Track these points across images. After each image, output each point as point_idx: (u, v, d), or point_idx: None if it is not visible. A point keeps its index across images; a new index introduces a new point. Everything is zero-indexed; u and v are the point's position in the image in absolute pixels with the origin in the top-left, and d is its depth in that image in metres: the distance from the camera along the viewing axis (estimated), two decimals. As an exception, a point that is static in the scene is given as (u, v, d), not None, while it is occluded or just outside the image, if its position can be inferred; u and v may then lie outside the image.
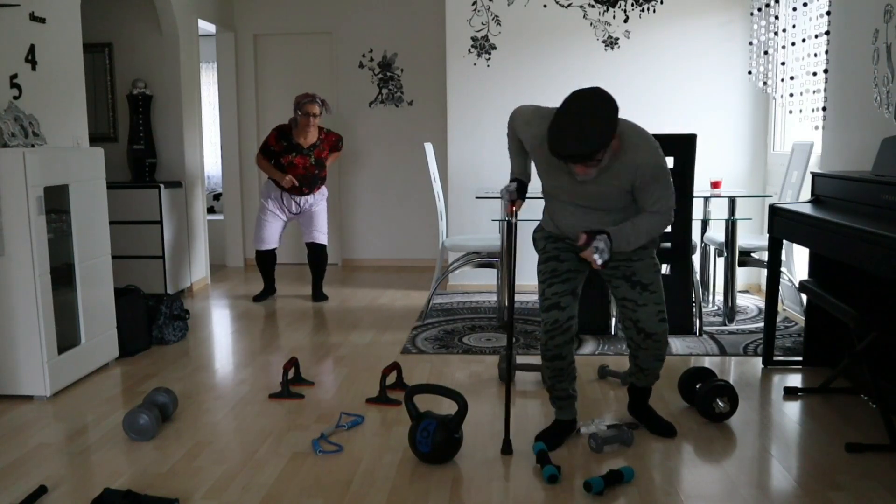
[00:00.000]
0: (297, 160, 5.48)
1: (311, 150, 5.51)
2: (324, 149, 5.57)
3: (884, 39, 3.70)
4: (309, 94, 5.47)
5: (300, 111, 5.43)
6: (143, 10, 5.92)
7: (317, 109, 5.43)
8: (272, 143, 5.51)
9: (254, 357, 4.34)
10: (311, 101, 5.42)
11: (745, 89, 5.86)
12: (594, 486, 2.57)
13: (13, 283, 3.54)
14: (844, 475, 2.72)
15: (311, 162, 5.51)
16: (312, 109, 5.41)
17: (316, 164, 5.53)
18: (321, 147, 5.55)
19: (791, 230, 3.66)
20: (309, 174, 5.52)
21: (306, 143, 5.50)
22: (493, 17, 5.98)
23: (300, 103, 5.43)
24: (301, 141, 5.49)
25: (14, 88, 3.99)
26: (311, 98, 5.44)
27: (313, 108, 5.41)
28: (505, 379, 3.78)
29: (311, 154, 5.51)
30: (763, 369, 3.98)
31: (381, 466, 2.84)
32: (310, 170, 5.51)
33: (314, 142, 5.53)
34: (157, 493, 2.62)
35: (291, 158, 5.48)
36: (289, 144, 5.49)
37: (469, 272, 5.81)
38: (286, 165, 5.48)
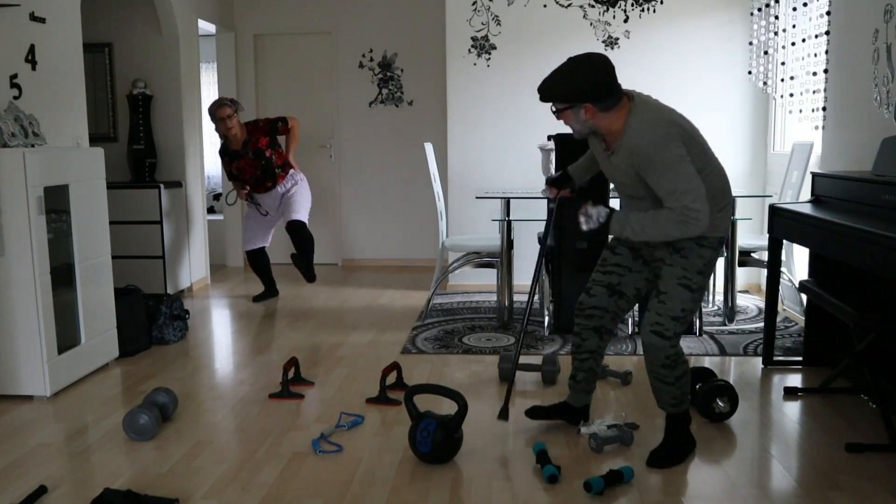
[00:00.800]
0: (241, 164, 5.49)
1: (246, 148, 5.46)
2: (257, 140, 5.48)
3: (884, 39, 3.70)
4: (216, 101, 5.42)
5: (214, 120, 5.40)
6: (143, 10, 5.92)
7: (227, 111, 5.38)
8: (224, 162, 5.59)
9: (254, 357, 4.34)
10: (219, 106, 5.38)
11: (745, 89, 5.86)
12: (594, 486, 2.57)
13: (13, 283, 3.54)
14: (844, 475, 2.72)
15: (251, 157, 5.47)
16: (223, 113, 5.36)
17: (256, 156, 5.47)
18: (253, 140, 5.47)
19: (791, 230, 3.66)
20: (259, 169, 5.49)
21: (238, 144, 5.47)
22: (493, 17, 5.98)
23: (211, 114, 5.40)
24: (234, 146, 5.49)
25: (14, 88, 3.99)
26: (218, 103, 5.39)
27: (223, 112, 5.36)
28: (508, 378, 3.78)
29: (248, 152, 5.47)
30: (763, 369, 3.98)
31: (381, 466, 2.84)
32: (256, 165, 5.48)
33: (244, 139, 5.47)
34: (157, 493, 2.62)
35: (237, 165, 5.50)
36: (226, 154, 5.53)
37: (469, 272, 5.81)
38: (237, 174, 5.53)
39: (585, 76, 2.65)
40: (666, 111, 2.73)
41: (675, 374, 2.81)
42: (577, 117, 2.73)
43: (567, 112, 2.74)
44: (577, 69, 2.68)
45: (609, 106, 2.68)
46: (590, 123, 2.74)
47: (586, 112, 2.71)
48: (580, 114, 2.72)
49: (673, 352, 2.77)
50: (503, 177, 6.04)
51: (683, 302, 2.73)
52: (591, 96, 2.66)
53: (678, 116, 2.73)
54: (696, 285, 2.74)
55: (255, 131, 5.49)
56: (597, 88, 2.64)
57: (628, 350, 4.32)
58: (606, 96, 2.66)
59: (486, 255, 5.00)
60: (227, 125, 5.39)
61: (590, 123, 2.74)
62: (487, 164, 6.08)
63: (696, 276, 2.74)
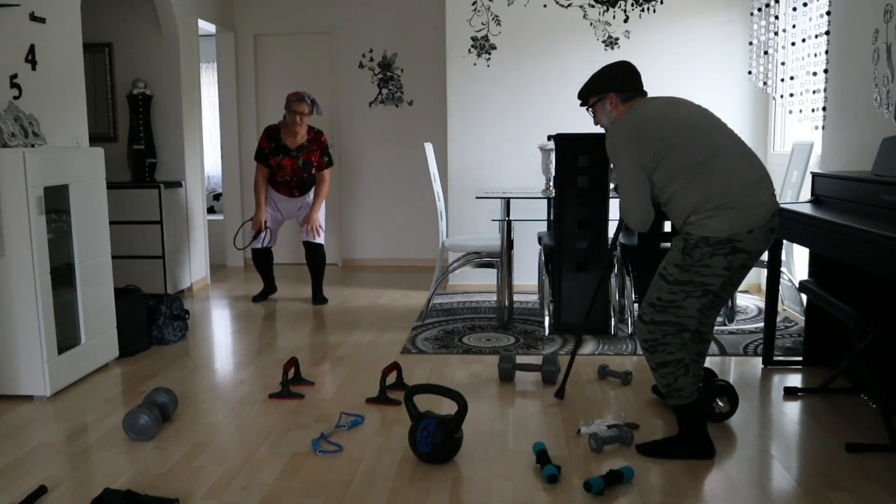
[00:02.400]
0: (284, 162, 5.39)
1: (299, 151, 5.39)
2: (313, 150, 5.42)
3: (884, 39, 3.70)
4: (299, 93, 5.34)
5: (288, 109, 5.33)
6: (143, 10, 5.92)
7: (305, 109, 5.30)
8: (264, 145, 5.43)
9: (254, 357, 4.34)
10: (300, 100, 5.30)
11: (745, 89, 5.86)
12: (594, 486, 2.57)
13: (13, 283, 3.54)
14: (844, 475, 2.72)
15: (300, 164, 5.40)
16: (301, 108, 5.29)
17: (304, 166, 5.41)
18: (310, 148, 5.42)
19: (791, 230, 3.66)
20: (297, 177, 5.43)
21: (294, 144, 5.39)
22: (493, 17, 5.98)
23: (289, 101, 5.33)
24: (288, 142, 5.39)
25: (14, 88, 3.99)
26: (300, 97, 5.31)
27: (301, 108, 5.29)
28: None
29: (300, 156, 5.39)
30: (763, 369, 3.98)
31: (381, 466, 2.84)
32: (298, 172, 5.41)
33: (302, 143, 5.40)
34: (157, 493, 2.62)
35: (279, 160, 5.39)
36: (277, 145, 5.40)
37: (469, 272, 5.81)
38: (275, 167, 5.41)
39: (612, 68, 3.01)
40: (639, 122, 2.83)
41: (655, 361, 2.87)
42: (605, 109, 2.99)
43: (598, 106, 3.02)
44: (608, 66, 3.05)
45: (628, 98, 2.94)
46: (613, 115, 2.96)
47: (611, 103, 2.96)
48: (607, 105, 2.98)
49: (650, 337, 2.85)
50: (503, 177, 6.03)
51: (660, 290, 2.82)
52: (614, 86, 2.96)
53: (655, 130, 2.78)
54: (672, 277, 2.79)
55: (316, 142, 5.45)
56: (620, 78, 2.96)
57: (628, 350, 4.32)
58: (628, 87, 2.94)
59: (486, 255, 5.00)
60: (298, 122, 5.31)
61: (613, 115, 2.96)
62: (487, 164, 6.08)
63: (671, 268, 2.80)
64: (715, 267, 2.74)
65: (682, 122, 2.78)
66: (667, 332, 2.83)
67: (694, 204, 2.73)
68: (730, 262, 2.73)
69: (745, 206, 2.70)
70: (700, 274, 2.75)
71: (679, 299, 2.79)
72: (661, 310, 2.82)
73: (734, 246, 2.71)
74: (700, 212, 2.73)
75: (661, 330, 2.83)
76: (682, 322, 2.82)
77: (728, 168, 2.73)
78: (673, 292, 2.79)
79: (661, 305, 2.82)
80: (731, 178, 2.72)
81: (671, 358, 2.84)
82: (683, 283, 2.77)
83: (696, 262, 2.74)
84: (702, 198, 2.72)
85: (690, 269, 2.76)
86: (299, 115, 5.29)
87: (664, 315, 2.82)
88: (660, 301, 2.82)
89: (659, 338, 2.84)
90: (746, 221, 2.70)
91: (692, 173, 2.73)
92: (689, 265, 2.75)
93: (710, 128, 2.79)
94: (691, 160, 2.73)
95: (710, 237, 2.70)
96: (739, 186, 2.72)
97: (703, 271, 2.75)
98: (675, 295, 2.79)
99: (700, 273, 2.75)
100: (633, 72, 2.97)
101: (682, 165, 2.74)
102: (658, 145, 2.76)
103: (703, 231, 2.71)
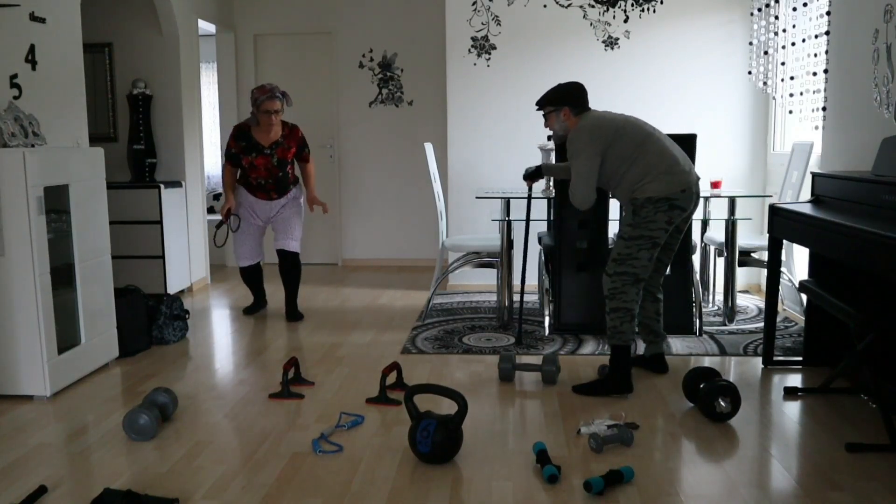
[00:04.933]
0: (257, 161, 4.91)
1: (274, 149, 4.91)
2: (288, 147, 4.96)
3: (884, 39, 3.70)
4: (266, 89, 4.81)
5: (258, 109, 4.81)
6: (143, 10, 5.92)
7: (277, 105, 4.81)
8: (232, 144, 4.95)
9: (254, 357, 4.34)
10: (271, 97, 4.78)
11: (745, 89, 5.86)
12: (594, 486, 2.57)
13: (13, 283, 3.54)
14: (844, 475, 2.72)
15: (274, 162, 4.92)
16: (273, 106, 4.79)
17: (279, 164, 4.94)
18: (285, 145, 4.94)
19: (791, 230, 3.66)
20: (272, 177, 4.95)
21: (268, 140, 4.91)
22: (493, 17, 5.98)
23: (257, 100, 4.80)
24: (261, 139, 4.90)
25: (14, 88, 3.99)
26: (270, 94, 4.79)
27: (273, 105, 4.79)
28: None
29: (274, 154, 4.91)
30: (763, 369, 3.98)
31: (381, 466, 2.84)
32: (273, 171, 4.93)
33: (276, 139, 4.92)
34: (157, 493, 2.62)
35: (252, 159, 4.91)
36: (248, 144, 4.90)
37: (469, 272, 5.81)
38: (247, 167, 4.93)
39: (572, 88, 3.75)
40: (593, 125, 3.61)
41: (611, 306, 3.61)
42: (559, 119, 3.74)
43: (552, 115, 3.76)
44: (566, 84, 3.77)
45: (578, 112, 3.71)
46: (566, 125, 3.72)
47: (565, 115, 3.72)
48: (561, 116, 3.73)
49: (612, 286, 3.60)
50: (503, 177, 6.03)
51: (619, 248, 3.59)
52: (568, 101, 3.71)
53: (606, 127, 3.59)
54: (627, 235, 3.57)
55: (291, 138, 4.99)
56: (573, 96, 3.72)
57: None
58: (579, 104, 3.72)
59: (486, 255, 5.00)
60: (272, 121, 4.83)
61: (566, 125, 3.72)
62: (487, 164, 6.08)
63: (626, 228, 3.59)
64: (659, 221, 3.53)
65: (623, 119, 3.66)
66: (626, 282, 3.57)
67: (640, 176, 3.55)
68: (669, 216, 3.53)
69: (676, 172, 3.55)
70: (648, 229, 3.53)
71: (634, 252, 3.55)
72: (620, 262, 3.57)
73: (672, 203, 3.52)
74: (643, 179, 3.54)
75: (622, 280, 3.57)
76: (637, 272, 3.57)
77: (658, 147, 3.59)
78: (629, 247, 3.56)
79: (621, 259, 3.57)
80: (662, 152, 3.58)
81: (624, 305, 3.58)
82: (636, 238, 3.55)
83: (643, 220, 3.53)
84: (644, 169, 3.55)
85: (640, 226, 3.54)
86: (272, 113, 4.81)
87: (623, 267, 3.57)
88: (619, 256, 3.57)
89: (619, 286, 3.58)
90: (678, 183, 3.53)
91: (636, 153, 3.56)
92: (639, 223, 3.54)
93: (640, 122, 3.69)
94: (633, 144, 3.58)
95: (652, 196, 3.52)
96: (670, 157, 3.57)
97: (650, 226, 3.53)
98: (630, 249, 3.56)
99: (648, 228, 3.53)
100: (584, 92, 3.74)
101: (628, 148, 3.58)
102: (611, 137, 3.59)
103: (646, 193, 3.53)
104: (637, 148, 3.57)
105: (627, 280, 3.55)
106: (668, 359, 4.13)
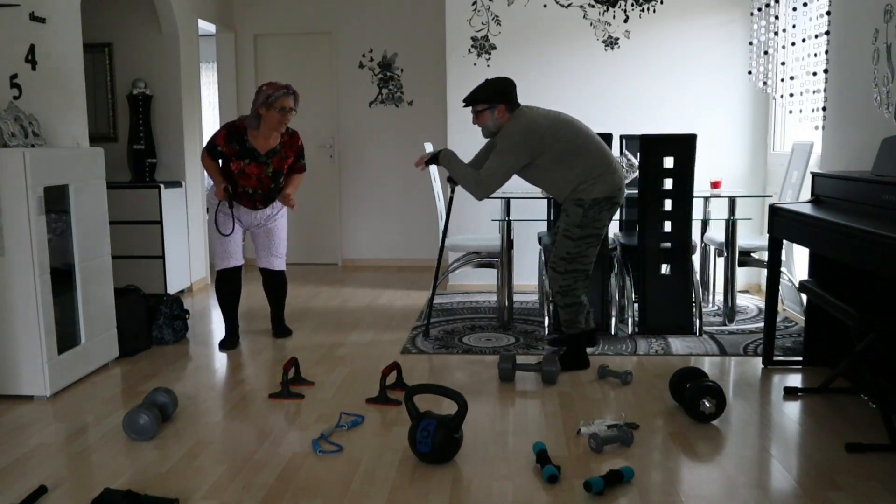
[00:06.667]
0: (250, 169, 4.28)
1: (270, 157, 4.32)
2: (286, 156, 4.37)
3: (884, 39, 3.70)
4: (279, 85, 4.24)
5: (272, 107, 4.19)
6: (143, 10, 5.92)
7: (292, 102, 4.25)
8: (220, 143, 4.30)
9: (254, 357, 4.34)
10: (287, 94, 4.22)
11: (745, 89, 5.86)
12: (594, 486, 2.57)
13: (13, 283, 3.54)
14: (844, 475, 2.72)
15: (268, 173, 4.32)
16: (289, 103, 4.23)
17: (273, 175, 4.34)
18: (283, 154, 4.35)
19: (791, 230, 3.66)
20: (263, 188, 4.34)
21: (265, 148, 4.30)
22: (493, 17, 5.98)
23: (271, 97, 4.18)
24: (258, 145, 4.29)
25: (14, 88, 3.99)
26: (286, 90, 4.23)
27: (289, 102, 4.23)
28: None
29: (269, 163, 4.32)
30: (763, 369, 3.98)
31: (381, 466, 2.84)
32: (265, 183, 4.33)
33: (274, 147, 4.33)
34: (157, 493, 2.62)
35: (244, 166, 4.27)
36: (242, 149, 4.28)
37: (469, 272, 5.80)
38: (237, 174, 4.29)
39: (504, 84, 3.78)
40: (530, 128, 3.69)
41: (565, 301, 3.87)
42: (493, 116, 3.78)
43: (485, 113, 3.79)
44: (497, 81, 3.82)
45: (512, 108, 3.78)
46: (500, 122, 3.78)
47: (500, 113, 3.77)
48: (495, 114, 3.77)
49: (564, 283, 3.83)
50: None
51: (567, 247, 3.79)
52: (504, 99, 3.76)
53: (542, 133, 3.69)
54: (576, 235, 3.76)
55: (290, 146, 4.40)
56: (507, 93, 3.77)
57: (628, 350, 4.32)
58: (513, 101, 3.79)
59: (486, 255, 5.00)
60: (286, 120, 4.26)
61: (500, 122, 3.78)
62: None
63: (574, 229, 3.77)
64: (604, 220, 3.78)
65: (562, 121, 3.76)
66: (577, 279, 3.83)
67: (580, 176, 3.71)
68: (611, 213, 3.79)
69: (614, 170, 3.77)
70: (594, 227, 3.77)
71: (583, 250, 3.79)
72: (570, 260, 3.80)
73: (613, 201, 3.77)
74: (587, 181, 3.72)
75: (573, 276, 3.83)
76: (586, 268, 3.84)
77: (596, 148, 3.76)
78: (578, 246, 3.77)
79: (570, 257, 3.80)
80: (601, 153, 3.76)
81: (578, 301, 3.87)
82: (585, 237, 3.77)
83: (591, 220, 3.74)
84: (586, 171, 3.71)
85: (588, 226, 3.75)
86: (287, 111, 4.24)
87: (574, 264, 3.81)
88: (569, 254, 3.79)
89: (571, 283, 3.83)
90: (617, 181, 3.76)
91: (574, 154, 3.71)
92: (587, 223, 3.75)
93: (576, 122, 3.80)
94: (572, 145, 3.71)
95: (598, 197, 3.72)
96: (608, 157, 3.77)
97: (596, 224, 3.76)
98: (580, 247, 3.78)
99: (594, 227, 3.76)
100: (515, 87, 3.80)
101: (565, 150, 3.71)
102: (547, 142, 3.69)
103: (592, 194, 3.72)
104: (576, 149, 3.71)
105: (578, 276, 3.82)
106: (668, 359, 4.14)
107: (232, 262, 4.53)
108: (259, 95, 4.24)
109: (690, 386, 3.26)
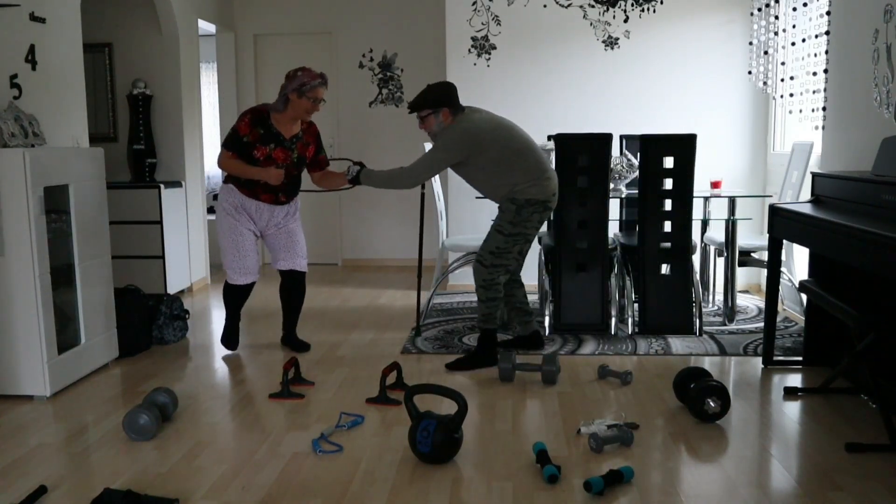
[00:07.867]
0: (276, 154, 4.12)
1: (294, 142, 4.18)
2: (308, 143, 4.26)
3: (884, 39, 3.70)
4: (315, 73, 4.10)
5: (304, 94, 4.05)
6: (143, 10, 5.92)
7: (323, 94, 4.15)
8: (244, 130, 4.08)
9: (254, 357, 4.34)
10: (322, 84, 4.10)
11: (745, 89, 5.86)
12: (594, 486, 2.57)
13: (13, 283, 3.54)
14: (844, 475, 2.72)
15: (294, 159, 4.18)
16: (322, 94, 4.13)
17: (298, 162, 4.21)
18: (304, 140, 4.23)
19: (791, 230, 3.66)
20: (288, 175, 4.18)
21: (289, 133, 4.17)
22: (493, 17, 5.98)
23: (305, 85, 4.04)
24: (283, 130, 4.15)
25: (14, 88, 4.00)
26: (322, 79, 4.11)
27: (322, 93, 4.13)
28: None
29: (294, 148, 4.18)
30: (763, 369, 3.98)
31: (381, 466, 2.84)
32: (290, 170, 4.17)
33: (297, 132, 4.21)
34: (157, 493, 2.62)
35: (269, 151, 4.10)
36: (267, 133, 4.10)
37: (469, 272, 5.79)
38: (262, 160, 4.10)
39: (447, 89, 3.91)
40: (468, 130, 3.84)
41: (486, 295, 3.98)
42: (438, 120, 3.91)
43: (430, 118, 3.91)
44: (439, 85, 3.93)
45: (455, 112, 3.92)
46: (444, 124, 3.89)
47: (444, 116, 3.90)
48: (440, 117, 3.90)
49: (489, 276, 3.96)
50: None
51: (497, 241, 3.94)
52: (447, 103, 3.88)
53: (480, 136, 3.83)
54: (507, 231, 3.91)
55: (310, 133, 4.29)
56: (450, 98, 3.89)
57: (628, 350, 4.32)
58: (456, 104, 3.91)
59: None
60: (317, 110, 4.16)
61: (444, 124, 3.89)
62: (487, 164, 6.07)
63: (507, 224, 3.91)
64: (535, 221, 3.93)
65: (503, 127, 3.91)
66: (499, 273, 3.97)
67: (517, 179, 3.86)
68: (542, 217, 3.94)
69: (549, 177, 3.94)
70: (525, 227, 3.92)
71: (510, 247, 3.94)
72: (497, 255, 3.94)
73: (546, 205, 3.93)
74: (523, 184, 3.87)
75: (497, 271, 3.96)
76: (508, 264, 3.99)
77: (535, 155, 3.92)
78: (507, 242, 3.93)
79: (499, 252, 3.93)
80: (539, 160, 3.92)
81: (497, 295, 4.00)
82: (515, 234, 3.92)
83: (524, 219, 3.89)
84: (523, 174, 3.87)
85: (520, 224, 3.90)
86: (320, 102, 4.14)
87: (499, 259, 3.95)
88: (498, 249, 3.93)
89: (494, 277, 3.96)
90: (552, 188, 3.95)
91: (514, 159, 3.86)
92: (520, 221, 3.90)
93: (518, 130, 3.96)
94: (511, 150, 3.86)
95: (532, 199, 3.88)
96: (545, 165, 3.94)
97: (527, 225, 3.92)
98: (508, 244, 3.93)
99: (525, 227, 3.92)
100: (456, 91, 3.95)
101: (503, 154, 3.85)
102: (486, 143, 3.84)
103: (526, 195, 3.87)
104: (513, 154, 3.87)
105: (500, 271, 3.97)
106: (668, 359, 4.14)
107: (249, 279, 4.31)
108: (292, 81, 4.07)
109: (694, 386, 3.26)
